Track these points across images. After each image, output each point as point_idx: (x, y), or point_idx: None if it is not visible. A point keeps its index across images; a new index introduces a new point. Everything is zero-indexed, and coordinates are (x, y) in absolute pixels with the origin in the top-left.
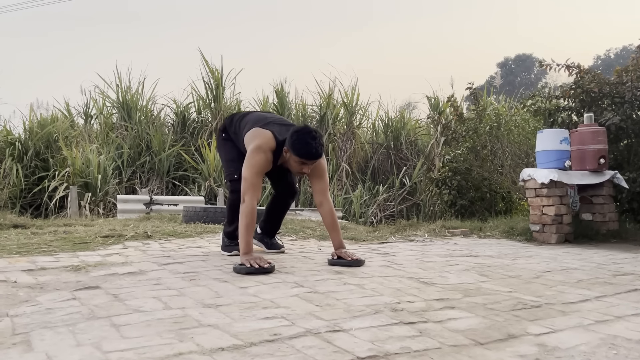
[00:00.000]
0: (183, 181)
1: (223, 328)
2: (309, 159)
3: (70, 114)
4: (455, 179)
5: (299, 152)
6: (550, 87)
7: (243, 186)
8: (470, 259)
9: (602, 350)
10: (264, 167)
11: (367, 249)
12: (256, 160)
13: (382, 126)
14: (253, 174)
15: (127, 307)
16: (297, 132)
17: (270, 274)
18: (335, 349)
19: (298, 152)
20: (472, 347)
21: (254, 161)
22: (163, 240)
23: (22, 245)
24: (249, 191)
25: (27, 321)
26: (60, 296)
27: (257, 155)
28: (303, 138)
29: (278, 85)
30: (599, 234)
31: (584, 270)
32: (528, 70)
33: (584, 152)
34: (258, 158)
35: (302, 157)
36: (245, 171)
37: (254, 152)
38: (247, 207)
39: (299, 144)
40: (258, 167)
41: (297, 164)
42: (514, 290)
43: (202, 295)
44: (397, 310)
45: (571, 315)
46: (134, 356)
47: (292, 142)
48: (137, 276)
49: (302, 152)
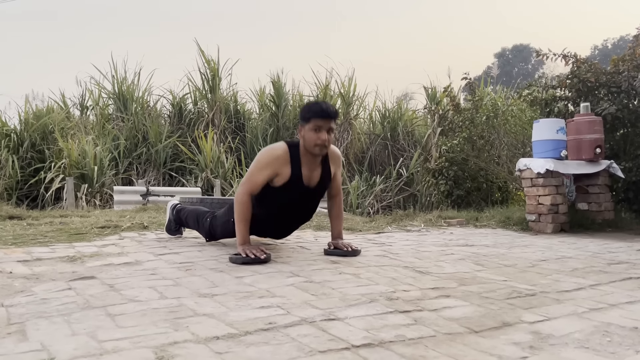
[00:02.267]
0: (180, 172)
1: (218, 317)
2: (322, 116)
3: (66, 105)
4: (451, 169)
5: (310, 112)
6: (547, 77)
7: (242, 189)
8: (466, 248)
9: (595, 338)
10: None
11: (364, 239)
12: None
13: (379, 117)
14: (254, 171)
15: (122, 297)
16: (306, 104)
17: (266, 264)
18: (331, 337)
19: (309, 112)
20: (467, 335)
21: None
22: (159, 230)
23: (18, 236)
24: (245, 184)
25: (22, 311)
26: (56, 286)
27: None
28: (313, 102)
29: (275, 76)
30: (594, 223)
31: (579, 259)
32: (525, 61)
33: (580, 141)
34: (266, 155)
35: (315, 117)
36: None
37: (261, 154)
38: (238, 196)
39: (308, 107)
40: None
41: (313, 132)
42: (509, 279)
43: (198, 285)
44: (392, 299)
45: (566, 303)
46: (129, 345)
47: (303, 112)
48: (133, 266)
49: (312, 110)
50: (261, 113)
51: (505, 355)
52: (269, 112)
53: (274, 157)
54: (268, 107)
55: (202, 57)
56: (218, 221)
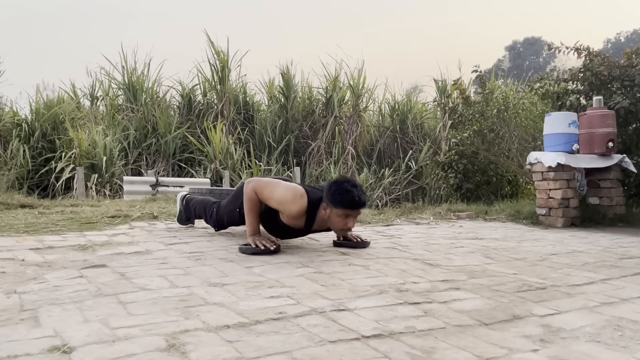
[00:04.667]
0: (189, 163)
1: (229, 306)
2: (353, 207)
3: (76, 95)
4: (461, 163)
5: (342, 202)
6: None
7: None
8: (476, 241)
9: (607, 332)
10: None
11: (373, 231)
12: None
13: (388, 109)
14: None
15: (133, 285)
16: (335, 182)
17: (276, 255)
18: (340, 328)
19: (341, 202)
20: (477, 327)
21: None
22: (169, 221)
23: (30, 224)
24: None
25: (35, 298)
26: (68, 274)
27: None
28: (344, 187)
29: (284, 68)
30: (605, 218)
31: (590, 254)
32: (537, 54)
33: (593, 135)
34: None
35: (346, 208)
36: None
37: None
38: (248, 193)
39: (340, 194)
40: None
41: (341, 218)
42: (519, 273)
43: (208, 274)
44: (402, 290)
45: (576, 297)
46: (141, 332)
47: (332, 193)
48: (144, 255)
49: (345, 200)
50: (270, 105)
51: (515, 347)
52: (278, 104)
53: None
54: (277, 99)
55: (211, 48)
56: (223, 210)
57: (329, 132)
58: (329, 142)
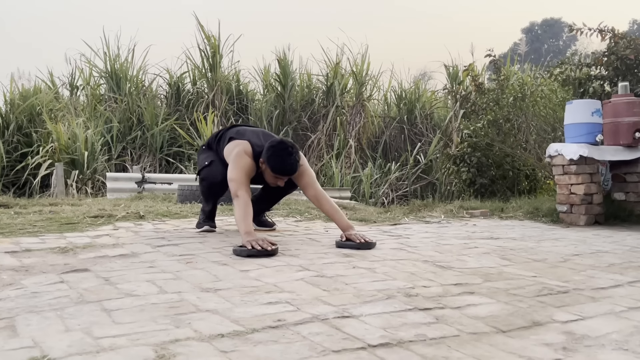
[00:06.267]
0: (178, 158)
1: (223, 313)
2: (283, 174)
3: (54, 84)
4: (474, 156)
5: (274, 168)
6: (580, 54)
7: (233, 187)
8: (491, 241)
9: (636, 339)
10: (249, 169)
11: (378, 230)
12: (241, 163)
13: (394, 98)
14: (240, 175)
15: (118, 291)
16: (273, 146)
17: (273, 257)
18: (345, 336)
19: (272, 167)
20: (494, 334)
21: (239, 164)
22: (157, 221)
23: (5, 225)
24: (241, 187)
25: (12, 305)
26: (47, 279)
27: (241, 159)
28: (279, 154)
29: (281, 53)
30: (632, 214)
31: (616, 254)
32: (556, 37)
33: (618, 125)
34: (243, 161)
35: (276, 173)
36: (232, 173)
37: (237, 157)
38: (242, 200)
39: (273, 160)
40: (244, 169)
41: (272, 177)
42: (538, 275)
43: (200, 278)
44: (411, 295)
45: (602, 302)
46: (127, 342)
47: (268, 156)
48: (129, 259)
49: (276, 167)
50: (266, 94)
51: (536, 357)
52: (274, 93)
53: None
54: (273, 87)
55: (201, 33)
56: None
57: (330, 124)
58: (330, 134)
